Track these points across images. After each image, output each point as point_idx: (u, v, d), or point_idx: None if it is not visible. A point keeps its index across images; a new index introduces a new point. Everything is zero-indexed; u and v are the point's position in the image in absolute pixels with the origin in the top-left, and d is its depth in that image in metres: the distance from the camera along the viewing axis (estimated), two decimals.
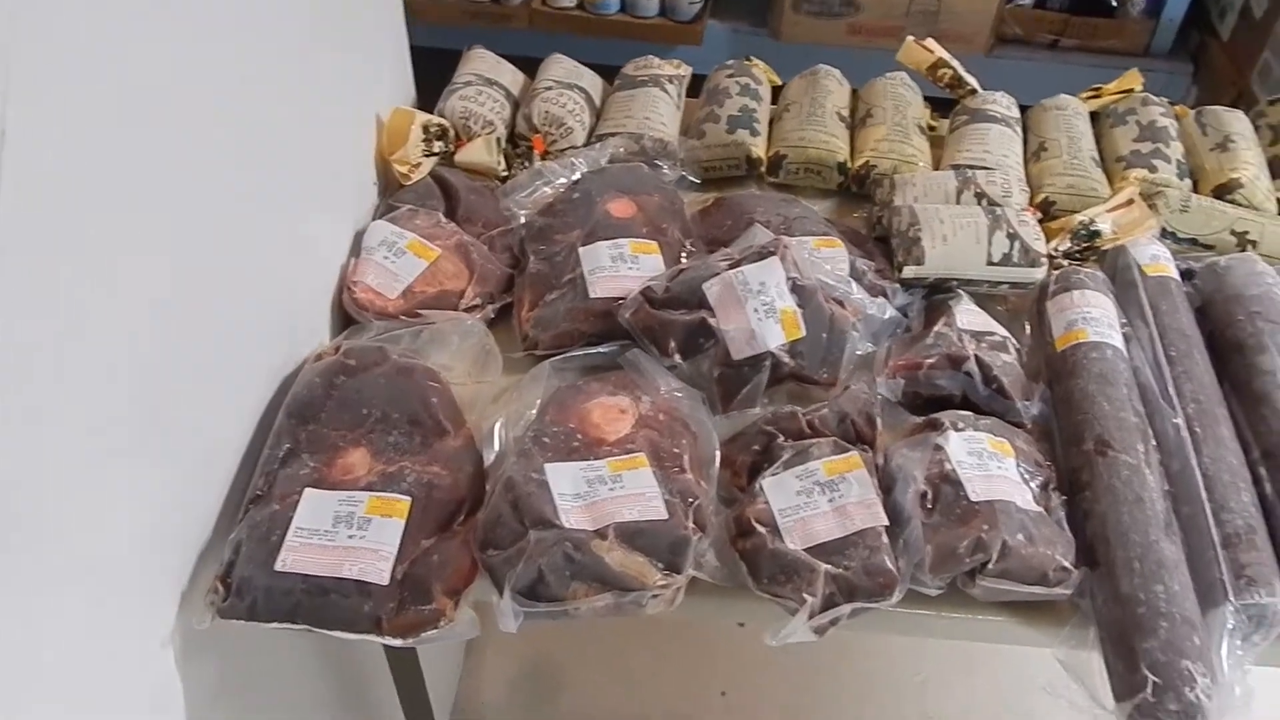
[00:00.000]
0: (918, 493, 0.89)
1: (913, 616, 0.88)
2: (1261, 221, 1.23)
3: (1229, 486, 0.93)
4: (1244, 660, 0.86)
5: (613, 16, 2.55)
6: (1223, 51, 2.46)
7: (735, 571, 0.88)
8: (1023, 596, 0.88)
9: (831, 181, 1.32)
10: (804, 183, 1.33)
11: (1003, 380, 1.02)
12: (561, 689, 1.87)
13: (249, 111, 0.88)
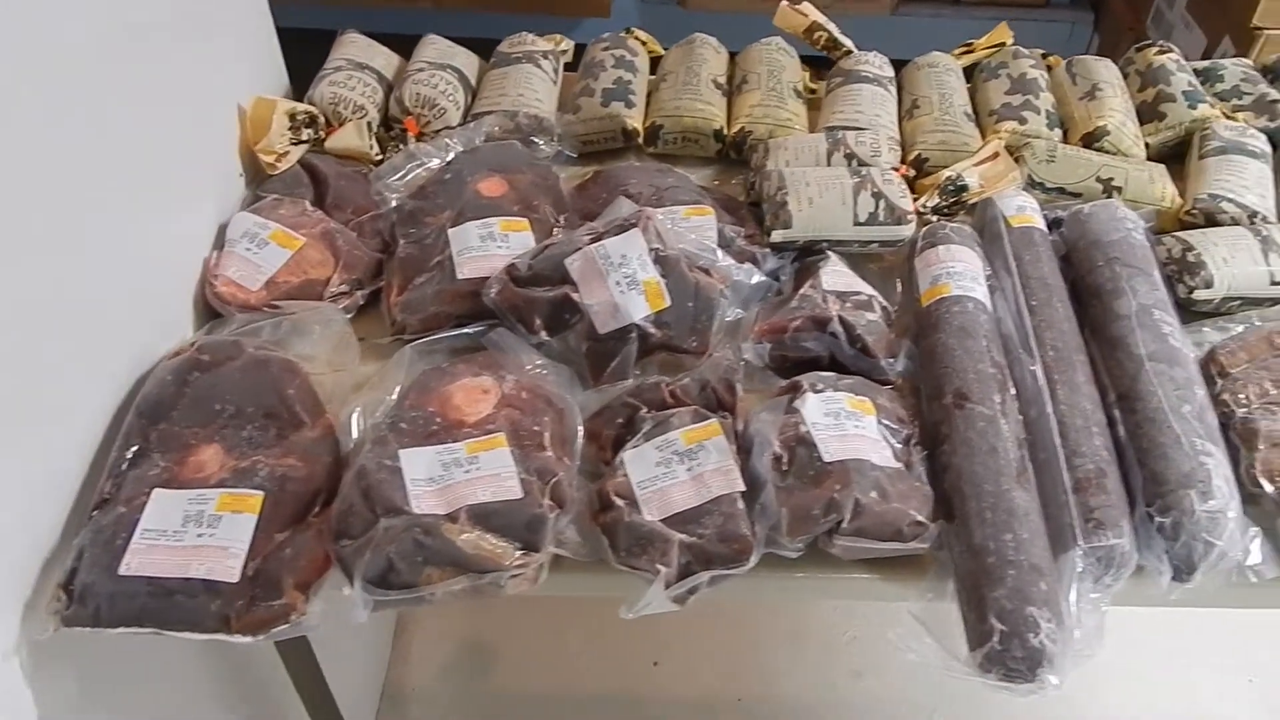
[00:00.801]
0: (773, 456, 0.89)
1: (774, 580, 0.88)
2: (1126, 168, 1.23)
3: (1082, 431, 0.93)
4: (1100, 602, 0.87)
5: None
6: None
7: (598, 546, 0.88)
8: (882, 553, 0.88)
9: (709, 149, 1.30)
10: (682, 151, 1.31)
11: (867, 339, 1.01)
12: (493, 668, 1.87)
13: (94, 103, 0.85)
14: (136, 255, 0.95)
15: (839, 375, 0.98)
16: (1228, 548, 0.86)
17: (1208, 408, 0.96)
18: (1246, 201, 1.19)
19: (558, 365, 1.01)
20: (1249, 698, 1.84)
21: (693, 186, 1.21)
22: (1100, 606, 0.87)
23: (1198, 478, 0.88)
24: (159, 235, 1.00)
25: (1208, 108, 1.33)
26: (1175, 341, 1.00)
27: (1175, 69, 1.38)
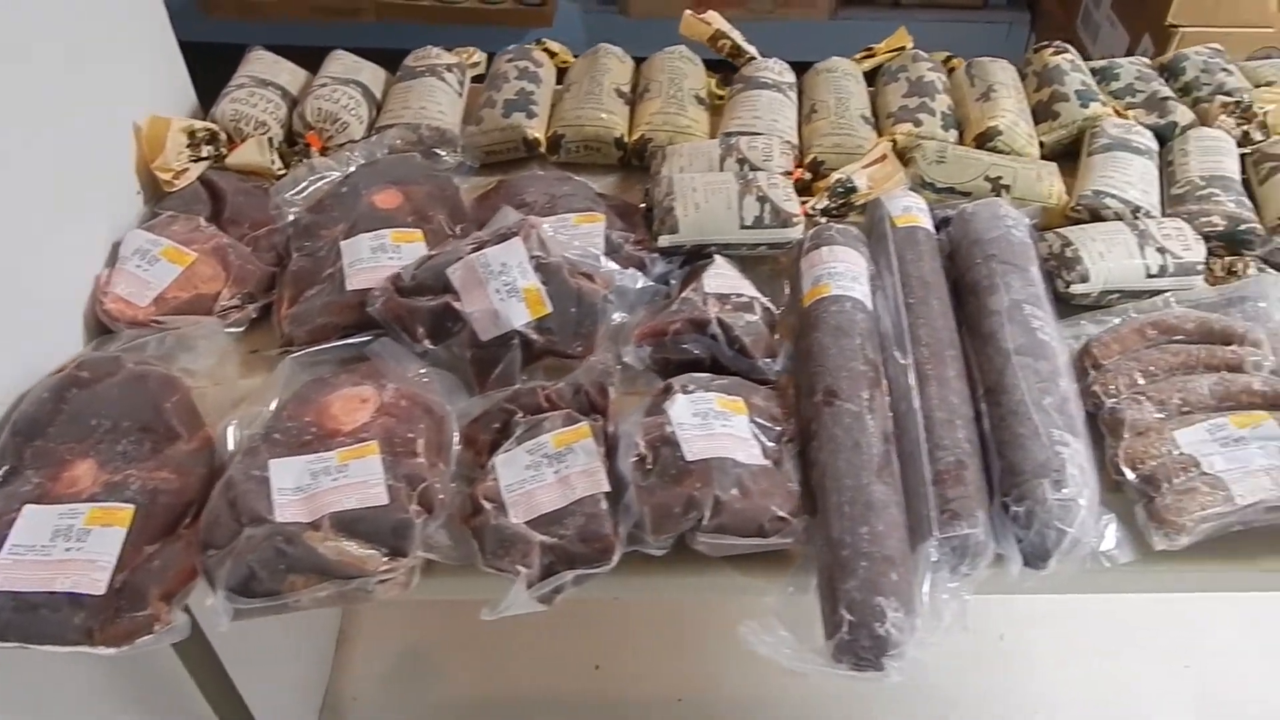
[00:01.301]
0: (637, 457, 0.90)
1: (641, 578, 0.90)
2: (1014, 166, 1.25)
3: (946, 425, 0.95)
4: (960, 590, 0.89)
5: (463, 4, 2.53)
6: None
7: (469, 549, 0.89)
8: (746, 549, 0.90)
9: (611, 157, 1.33)
10: (586, 160, 1.33)
11: (744, 340, 1.03)
12: (434, 674, 1.88)
13: None
14: (23, 274, 0.97)
15: (714, 376, 1.00)
16: (1080, 535, 0.88)
17: (1071, 399, 0.98)
18: (1130, 197, 1.22)
19: (442, 373, 1.03)
20: (1185, 683, 1.86)
21: (589, 194, 1.23)
22: (961, 595, 0.89)
23: (1052, 467, 0.90)
24: (48, 254, 1.02)
25: (1100, 106, 1.35)
26: (1044, 335, 1.02)
27: (1070, 69, 1.40)
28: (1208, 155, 1.27)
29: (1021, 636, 1.91)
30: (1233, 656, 1.88)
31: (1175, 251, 1.15)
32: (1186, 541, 0.90)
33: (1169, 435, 0.97)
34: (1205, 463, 0.94)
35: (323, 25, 2.50)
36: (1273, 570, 0.94)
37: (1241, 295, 1.12)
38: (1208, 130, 1.32)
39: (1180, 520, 0.90)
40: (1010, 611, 1.94)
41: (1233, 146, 1.30)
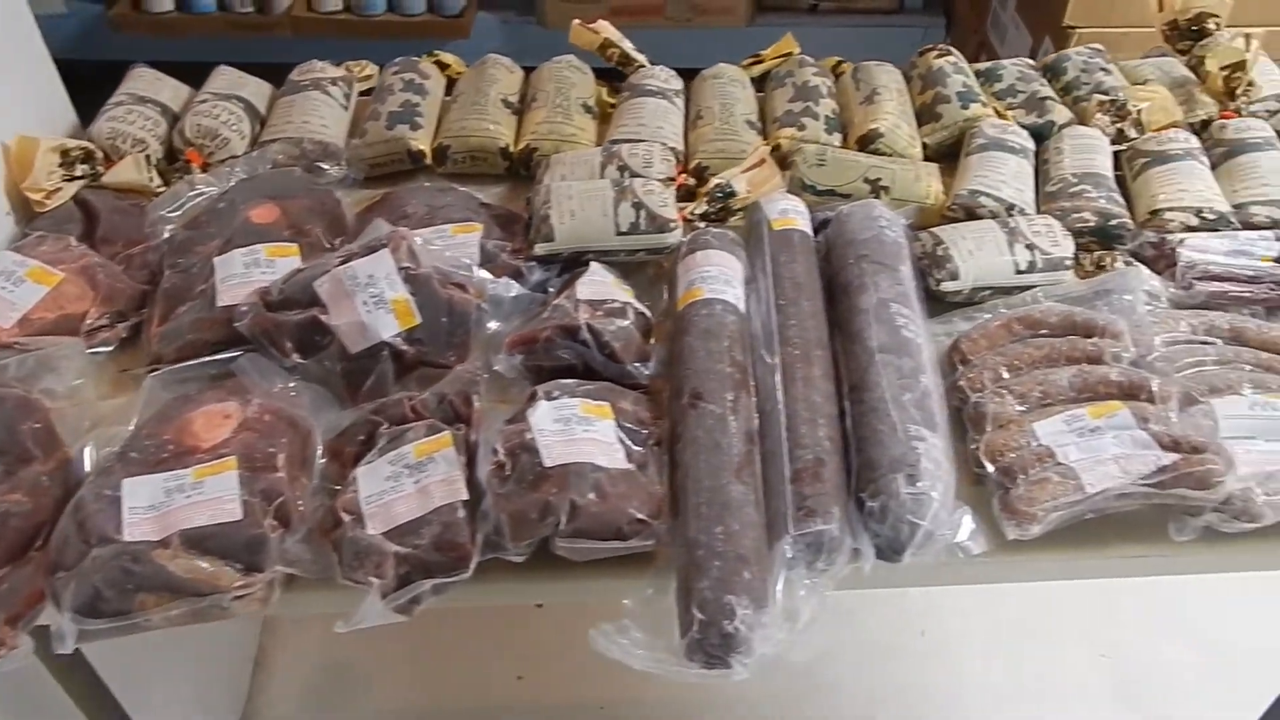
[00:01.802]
0: (495, 464, 0.91)
1: (503, 584, 0.91)
2: (893, 168, 1.28)
3: (808, 423, 0.97)
4: (820, 586, 0.90)
5: (379, 17, 2.53)
6: (966, 3, 2.54)
7: (330, 563, 0.89)
8: (607, 552, 0.90)
9: (497, 167, 1.34)
10: (473, 170, 1.34)
11: (614, 345, 1.04)
12: (356, 691, 1.87)
13: None
14: None
15: (582, 382, 1.01)
16: (933, 527, 0.90)
17: (932, 394, 1.00)
18: (1004, 195, 1.25)
19: (313, 387, 1.03)
20: (1101, 672, 1.89)
21: (472, 204, 1.24)
22: (821, 591, 0.90)
23: (907, 462, 0.92)
24: None
25: (980, 107, 1.38)
26: (908, 333, 1.04)
27: (952, 71, 1.44)
28: (1080, 153, 1.31)
29: (943, 630, 1.94)
30: (1146, 643, 1.92)
31: (1044, 248, 1.18)
32: (1038, 531, 0.93)
33: (1028, 428, 1.00)
34: (1060, 453, 0.97)
35: (237, 41, 2.48)
36: (1124, 557, 0.96)
37: (1107, 289, 1.15)
38: (1081, 128, 1.36)
39: (1031, 510, 0.92)
40: (931, 606, 1.97)
41: (1105, 144, 1.34)
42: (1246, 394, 1.03)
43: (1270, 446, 1.01)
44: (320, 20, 2.50)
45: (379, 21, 2.52)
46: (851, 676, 1.87)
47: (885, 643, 1.93)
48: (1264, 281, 1.18)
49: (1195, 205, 1.24)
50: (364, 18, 2.52)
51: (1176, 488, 0.93)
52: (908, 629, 1.94)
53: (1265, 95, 1.43)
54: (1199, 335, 1.13)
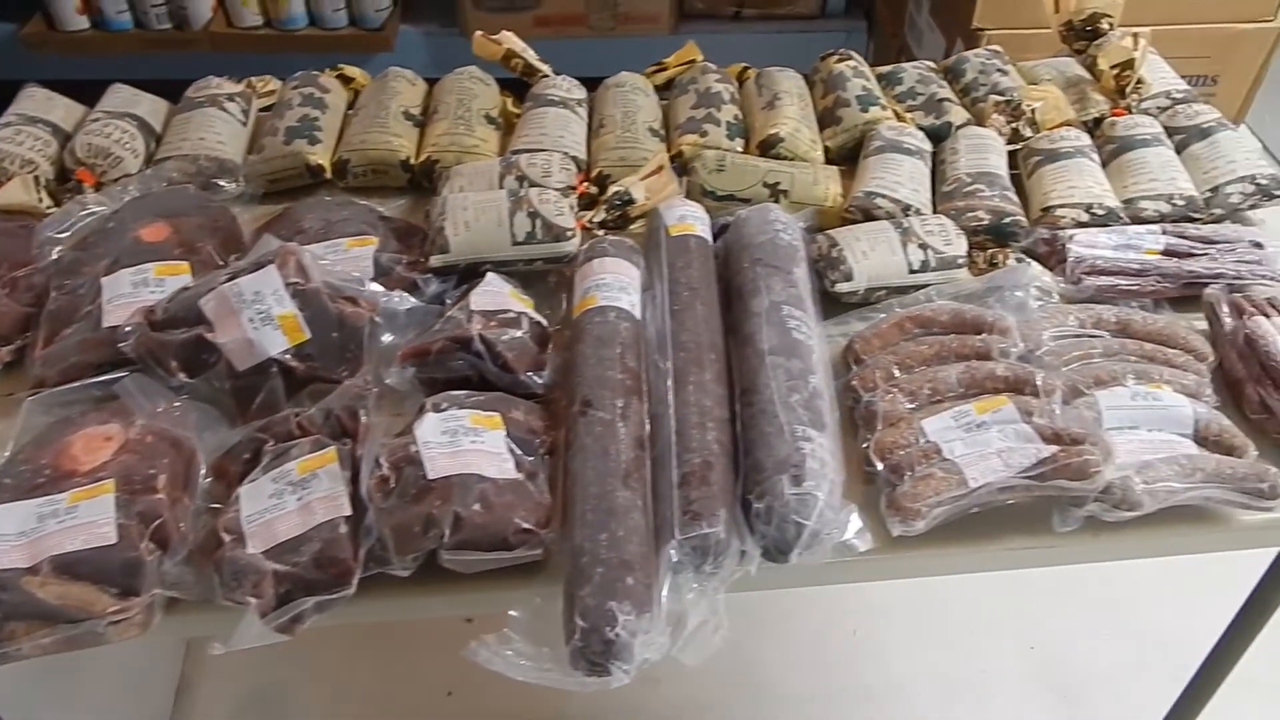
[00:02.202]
0: (379, 478, 0.91)
1: (390, 599, 0.90)
2: (792, 172, 1.29)
3: (696, 427, 0.97)
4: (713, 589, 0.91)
5: (301, 31, 2.52)
6: (885, 7, 2.58)
7: (211, 584, 0.88)
8: (495, 563, 0.90)
9: (399, 180, 1.33)
10: (374, 183, 1.34)
11: (507, 356, 1.04)
12: (284, 713, 1.85)
13: None
14: None
15: (474, 393, 1.01)
16: (819, 527, 0.90)
17: (822, 395, 1.01)
18: (900, 196, 1.27)
19: (202, 406, 1.02)
20: (1029, 664, 1.92)
21: (370, 218, 1.23)
22: (713, 593, 0.91)
23: (792, 462, 0.92)
24: None
25: (879, 110, 1.40)
26: (799, 335, 1.06)
27: (852, 75, 1.46)
28: (975, 153, 1.34)
29: (873, 628, 1.97)
30: (1072, 636, 1.96)
31: (937, 247, 1.20)
32: (923, 527, 0.94)
33: (917, 425, 1.02)
34: (946, 449, 0.99)
35: (155, 58, 2.45)
36: (1011, 549, 0.98)
37: (998, 285, 1.18)
38: (976, 129, 1.39)
39: (915, 506, 0.94)
40: (862, 604, 2.00)
41: (1000, 144, 1.37)
42: (1129, 385, 1.06)
43: (1151, 436, 1.04)
44: (240, 36, 2.48)
45: (300, 36, 2.50)
46: (782, 679, 1.89)
47: (817, 644, 1.94)
48: (1150, 274, 1.21)
49: (1085, 201, 1.28)
50: (285, 32, 2.50)
51: (1055, 479, 0.95)
52: (839, 629, 1.96)
53: (1155, 92, 1.47)
54: (1087, 329, 1.15)
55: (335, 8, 2.49)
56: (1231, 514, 1.02)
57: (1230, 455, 1.02)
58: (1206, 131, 1.39)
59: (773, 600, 2.00)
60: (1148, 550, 1.03)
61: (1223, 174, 1.34)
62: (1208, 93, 2.20)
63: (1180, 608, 1.97)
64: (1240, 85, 2.21)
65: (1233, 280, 1.21)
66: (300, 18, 2.51)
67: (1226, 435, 1.03)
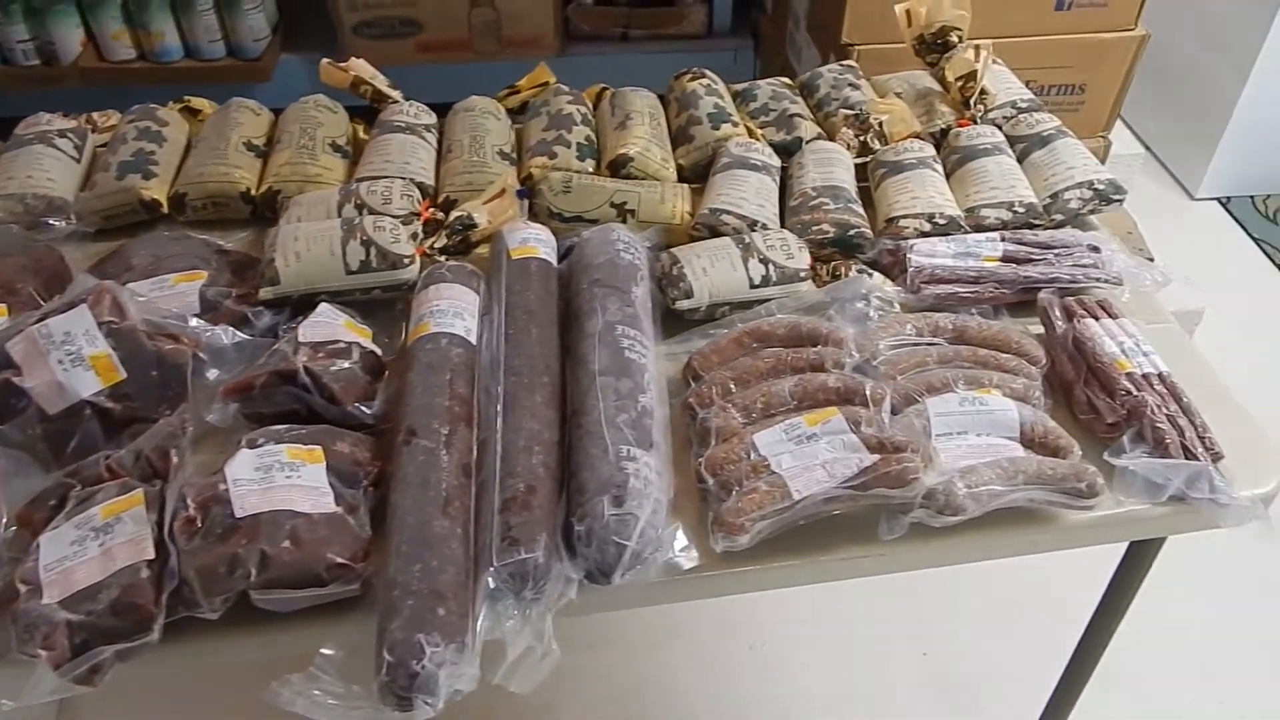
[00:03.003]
0: (186, 519, 0.89)
1: (199, 644, 0.88)
2: (639, 191, 1.31)
3: (523, 452, 0.97)
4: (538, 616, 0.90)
5: (177, 64, 2.48)
6: (769, 25, 2.63)
7: (8, 638, 0.86)
8: (308, 601, 0.89)
9: (241, 212, 1.32)
10: (216, 216, 1.32)
11: (334, 388, 1.03)
12: None
13: None
14: None
15: (295, 427, 1.00)
16: (640, 548, 0.91)
17: (652, 414, 1.02)
18: (745, 212, 1.28)
19: (11, 453, 0.99)
20: (921, 670, 1.95)
21: (205, 252, 1.22)
22: (540, 619, 0.90)
23: (614, 483, 0.93)
24: None
25: (730, 127, 1.43)
26: (632, 354, 1.06)
27: (705, 93, 1.48)
28: (821, 166, 1.36)
29: (771, 644, 1.97)
30: (965, 640, 1.99)
31: (779, 261, 1.21)
32: (747, 542, 0.95)
33: (749, 440, 1.02)
34: (774, 462, 1.00)
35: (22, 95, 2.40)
36: (843, 559, 0.99)
37: (837, 296, 1.20)
38: (823, 143, 1.42)
39: (738, 521, 0.94)
40: (758, 619, 2.00)
41: (847, 157, 1.40)
42: (959, 390, 1.08)
43: (979, 440, 1.06)
44: (112, 70, 2.44)
45: (177, 68, 2.47)
46: (682, 698, 1.88)
47: (715, 659, 1.95)
48: (987, 281, 1.24)
49: (927, 211, 1.31)
50: (160, 65, 2.46)
51: (877, 487, 0.96)
52: (736, 646, 1.97)
53: (1001, 102, 1.52)
54: (925, 336, 1.17)
55: (211, 38, 2.46)
56: (1061, 514, 1.04)
57: (1055, 456, 1.05)
58: (1047, 139, 1.43)
59: (668, 617, 2.00)
60: (979, 554, 1.05)
61: (1061, 180, 1.38)
62: (1077, 101, 2.27)
63: (1071, 606, 2.01)
64: (1108, 92, 2.29)
65: (1068, 284, 1.24)
66: (175, 49, 2.47)
67: (1052, 437, 1.06)
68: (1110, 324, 1.17)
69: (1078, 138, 1.44)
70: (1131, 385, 1.09)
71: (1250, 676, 1.93)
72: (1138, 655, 1.90)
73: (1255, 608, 2.05)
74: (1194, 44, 3.01)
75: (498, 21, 2.52)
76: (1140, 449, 1.05)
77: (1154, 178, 3.16)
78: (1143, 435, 1.06)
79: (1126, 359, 1.12)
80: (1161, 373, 1.11)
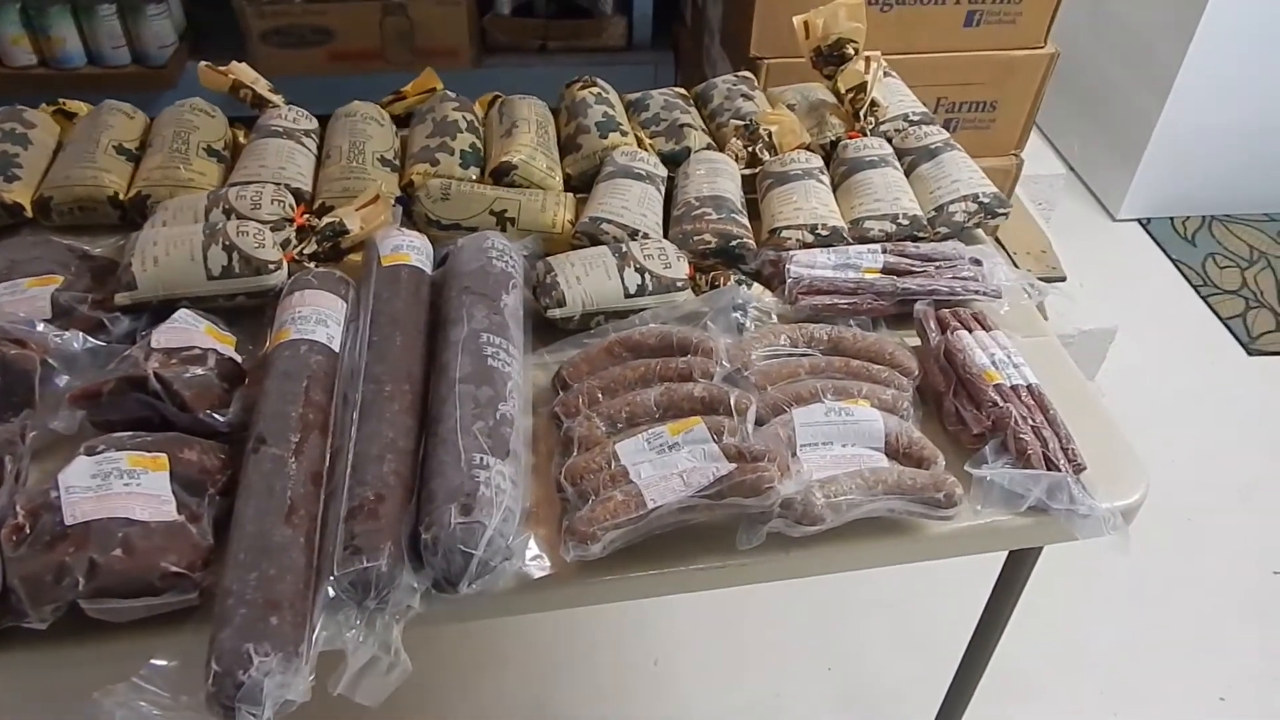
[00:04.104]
0: (14, 527, 0.88)
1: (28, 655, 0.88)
2: (519, 199, 1.32)
3: (374, 460, 0.98)
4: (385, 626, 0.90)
5: (79, 69, 2.46)
6: (688, 38, 2.67)
7: None
8: (142, 610, 0.89)
9: (110, 216, 1.32)
10: (84, 221, 1.32)
11: (185, 394, 1.03)
12: None
13: None
14: None
15: (139, 434, 0.99)
16: (488, 557, 0.92)
17: (511, 422, 1.03)
18: (625, 221, 1.31)
19: None
20: (827, 685, 1.97)
21: (66, 257, 1.21)
22: (386, 628, 0.90)
23: (464, 491, 0.94)
24: None
25: (619, 136, 1.45)
26: (495, 362, 1.07)
27: (594, 102, 1.51)
28: (707, 177, 1.39)
29: (674, 659, 1.99)
30: (867, 655, 2.02)
31: (656, 270, 1.24)
32: (599, 551, 0.96)
33: (611, 449, 1.04)
34: (633, 472, 1.01)
35: None
36: (702, 568, 1.01)
37: (711, 306, 1.22)
38: (709, 153, 1.45)
39: (590, 530, 0.95)
40: (662, 634, 2.02)
41: (733, 167, 1.43)
42: (826, 400, 1.11)
43: (844, 451, 1.08)
44: (10, 76, 2.41)
45: (78, 74, 2.45)
46: (587, 713, 1.89)
47: (618, 675, 1.95)
48: (865, 292, 1.27)
49: (809, 223, 1.34)
50: (62, 71, 2.44)
51: (731, 496, 0.98)
52: (639, 662, 1.98)
53: (893, 115, 1.56)
54: (800, 347, 1.20)
55: (115, 44, 2.44)
56: (924, 525, 1.07)
57: (919, 467, 1.07)
58: (934, 152, 1.48)
59: (572, 634, 2.01)
60: (840, 564, 1.07)
61: (947, 193, 1.42)
62: (988, 118, 2.33)
63: (965, 615, 2.05)
64: (1019, 110, 2.35)
65: (947, 297, 1.28)
66: (77, 55, 2.46)
67: (916, 447, 1.09)
68: (983, 336, 1.21)
69: (987, 155, 1.48)
70: (998, 396, 1.12)
71: (1146, 689, 1.98)
72: (1041, 669, 1.94)
73: (1150, 615, 2.10)
74: (1115, 63, 3.12)
75: (411, 31, 2.54)
76: (1003, 460, 1.08)
77: (1076, 198, 3.25)
78: (1006, 446, 1.09)
79: (996, 370, 1.16)
80: (1030, 384, 1.15)
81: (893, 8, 2.15)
